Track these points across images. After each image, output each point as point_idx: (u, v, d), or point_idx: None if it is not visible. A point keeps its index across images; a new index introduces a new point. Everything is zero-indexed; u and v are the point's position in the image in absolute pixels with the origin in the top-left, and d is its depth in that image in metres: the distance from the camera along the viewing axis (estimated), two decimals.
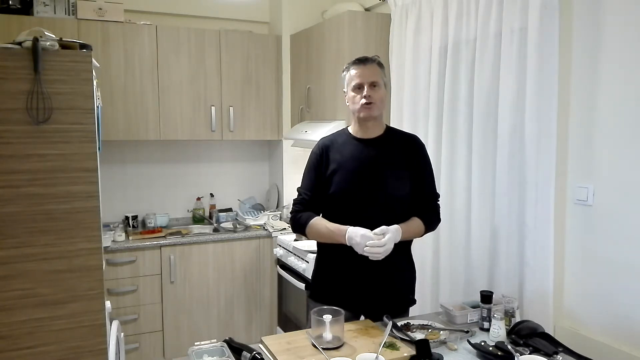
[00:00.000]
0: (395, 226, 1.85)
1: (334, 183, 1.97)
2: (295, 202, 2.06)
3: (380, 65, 1.99)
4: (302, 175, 2.08)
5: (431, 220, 2.03)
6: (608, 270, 1.91)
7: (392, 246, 1.82)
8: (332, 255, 2.03)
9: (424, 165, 2.04)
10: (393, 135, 2.05)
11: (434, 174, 2.08)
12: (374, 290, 1.99)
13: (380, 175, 1.95)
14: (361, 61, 1.97)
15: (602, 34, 1.89)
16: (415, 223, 1.97)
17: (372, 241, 1.79)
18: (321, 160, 2.02)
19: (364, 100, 1.92)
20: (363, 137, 2.01)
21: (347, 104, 2.01)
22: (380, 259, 1.81)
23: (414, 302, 2.12)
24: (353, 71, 1.97)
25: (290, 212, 2.07)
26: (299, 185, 2.08)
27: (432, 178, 2.07)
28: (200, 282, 3.44)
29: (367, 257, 1.83)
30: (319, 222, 1.96)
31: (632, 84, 1.80)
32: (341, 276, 2.01)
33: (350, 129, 2.06)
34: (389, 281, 1.99)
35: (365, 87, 1.93)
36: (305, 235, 2.01)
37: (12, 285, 1.99)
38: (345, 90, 2.02)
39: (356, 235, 1.82)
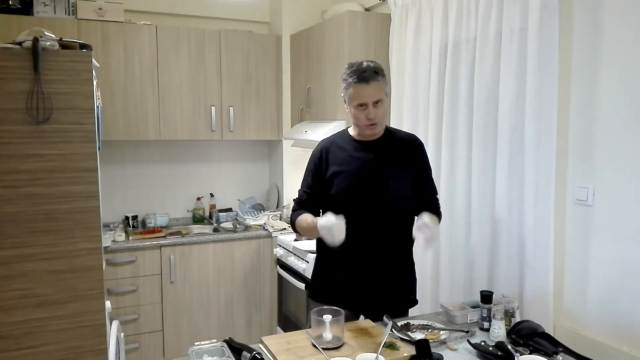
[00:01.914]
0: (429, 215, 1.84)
1: (335, 184, 1.97)
2: (294, 202, 2.10)
3: (382, 76, 1.90)
4: (303, 175, 2.11)
5: (438, 217, 2.07)
6: (608, 270, 1.91)
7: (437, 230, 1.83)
8: (331, 254, 2.03)
9: (424, 164, 2.06)
10: (392, 136, 2.05)
11: (431, 171, 2.12)
12: (374, 290, 1.99)
13: (381, 176, 1.96)
14: (364, 79, 1.85)
15: (602, 34, 1.89)
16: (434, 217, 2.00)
17: (429, 234, 1.77)
18: (321, 162, 2.03)
19: (368, 122, 1.90)
20: (363, 139, 2.02)
21: (347, 111, 1.98)
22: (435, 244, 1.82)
23: (415, 302, 2.12)
24: (355, 90, 1.87)
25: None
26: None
27: (431, 175, 2.11)
28: (200, 282, 3.44)
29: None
30: (302, 218, 1.98)
31: (632, 83, 1.80)
32: (341, 276, 2.01)
33: (351, 131, 2.07)
34: (389, 281, 1.99)
35: (370, 106, 1.87)
36: (298, 233, 2.06)
37: (12, 285, 1.99)
38: (344, 98, 1.96)
39: (327, 226, 1.78)
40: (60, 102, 2.00)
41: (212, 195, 4.00)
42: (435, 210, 2.04)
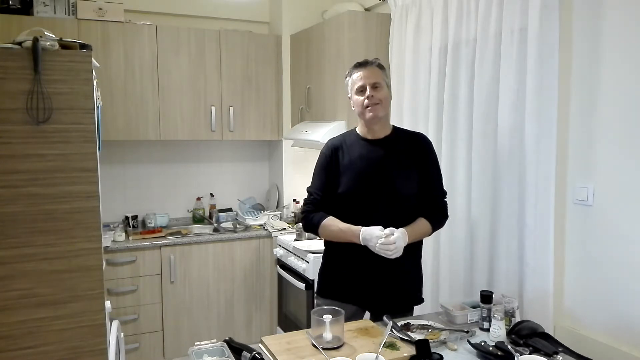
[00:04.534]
0: (401, 230, 1.89)
1: (343, 183, 1.99)
2: (306, 202, 2.09)
3: (380, 67, 2.02)
4: (312, 175, 2.11)
5: (438, 219, 2.07)
6: (608, 270, 1.91)
7: (402, 245, 1.86)
8: (339, 252, 2.05)
9: (430, 163, 2.07)
10: (400, 135, 2.08)
11: (441, 171, 2.11)
12: (381, 287, 2.01)
13: (389, 175, 1.98)
14: (361, 64, 2.00)
15: (602, 33, 1.89)
16: (422, 224, 2.00)
17: (383, 239, 1.82)
18: (331, 160, 2.04)
19: (367, 101, 1.94)
20: (371, 138, 2.04)
21: (354, 108, 2.04)
22: (391, 257, 1.85)
23: (421, 300, 2.14)
24: (355, 75, 2.00)
25: (302, 212, 2.10)
26: (309, 185, 2.11)
27: (439, 176, 2.10)
28: (200, 282, 3.44)
29: (374, 253, 1.87)
30: (331, 223, 1.99)
31: (632, 83, 1.80)
32: (349, 272, 2.03)
33: (359, 130, 2.09)
34: (396, 278, 2.01)
35: (368, 88, 1.95)
36: (317, 234, 2.04)
37: (12, 285, 1.99)
38: (349, 95, 2.05)
39: (371, 236, 1.86)
40: (60, 102, 2.00)
41: (212, 195, 3.99)
42: (434, 216, 2.04)
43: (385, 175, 1.98)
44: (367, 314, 2.10)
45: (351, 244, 1.93)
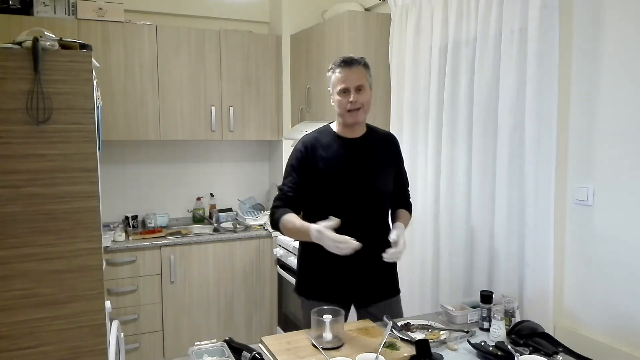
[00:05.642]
0: (400, 225, 1.97)
1: (323, 182, 1.97)
2: (276, 198, 2.02)
3: (365, 66, 1.98)
4: (284, 172, 2.07)
5: (410, 210, 2.19)
6: (608, 270, 1.91)
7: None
8: (314, 249, 2.01)
9: (401, 162, 2.17)
10: (374, 134, 2.11)
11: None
12: (359, 284, 2.01)
13: (368, 173, 2.00)
14: (347, 63, 1.94)
15: (602, 33, 1.89)
16: (406, 215, 2.13)
17: (394, 250, 1.84)
18: (306, 158, 2.01)
19: (350, 105, 1.93)
20: (348, 137, 2.04)
21: (333, 104, 2.02)
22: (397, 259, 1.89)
23: (398, 291, 2.14)
24: (339, 74, 1.95)
25: (270, 209, 2.03)
26: (280, 183, 2.06)
27: (406, 175, 2.22)
28: (200, 282, 3.44)
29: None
30: (289, 219, 1.91)
31: (632, 83, 1.80)
32: (325, 269, 2.01)
33: (334, 127, 2.08)
34: (373, 274, 2.02)
35: (352, 91, 1.93)
36: (280, 231, 1.97)
37: (12, 285, 1.99)
38: (330, 89, 2.02)
39: (322, 235, 1.76)
40: (60, 102, 2.00)
41: (212, 195, 3.99)
42: (409, 208, 2.18)
43: (365, 174, 1.99)
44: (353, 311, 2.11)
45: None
